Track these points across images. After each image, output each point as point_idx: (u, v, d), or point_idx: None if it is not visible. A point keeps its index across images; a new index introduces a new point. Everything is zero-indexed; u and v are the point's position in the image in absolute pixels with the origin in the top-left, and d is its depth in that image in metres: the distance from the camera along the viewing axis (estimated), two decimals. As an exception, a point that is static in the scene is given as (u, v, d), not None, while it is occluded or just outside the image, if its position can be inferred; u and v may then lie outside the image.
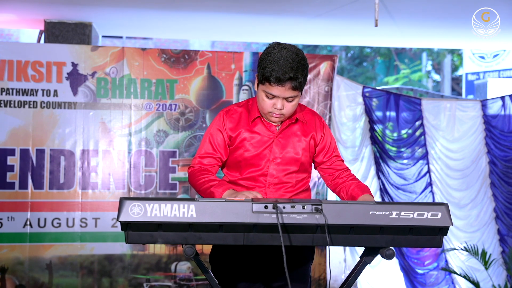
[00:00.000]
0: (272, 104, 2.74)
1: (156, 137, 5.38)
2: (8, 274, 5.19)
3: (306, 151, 2.86)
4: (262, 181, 2.83)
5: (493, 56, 13.48)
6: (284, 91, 2.70)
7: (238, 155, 2.84)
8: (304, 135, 2.87)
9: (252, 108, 2.86)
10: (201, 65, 5.45)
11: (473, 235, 6.10)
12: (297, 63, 2.68)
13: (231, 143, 2.85)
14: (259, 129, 2.84)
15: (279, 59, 2.67)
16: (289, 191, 2.85)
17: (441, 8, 6.33)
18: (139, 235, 2.32)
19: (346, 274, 5.84)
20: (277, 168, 2.83)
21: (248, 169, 2.83)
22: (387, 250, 2.42)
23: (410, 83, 18.99)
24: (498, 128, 6.10)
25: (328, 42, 9.54)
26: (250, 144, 2.82)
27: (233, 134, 2.83)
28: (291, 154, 2.84)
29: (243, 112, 2.87)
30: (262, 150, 2.82)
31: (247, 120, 2.84)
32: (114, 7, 6.36)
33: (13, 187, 5.20)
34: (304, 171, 2.89)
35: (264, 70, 2.69)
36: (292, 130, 2.86)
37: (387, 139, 6.09)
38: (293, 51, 2.70)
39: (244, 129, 2.83)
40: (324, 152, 2.91)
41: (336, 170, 2.92)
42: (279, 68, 2.65)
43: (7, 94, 5.20)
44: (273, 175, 2.83)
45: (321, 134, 2.91)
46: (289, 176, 2.85)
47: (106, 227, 5.29)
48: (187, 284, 5.41)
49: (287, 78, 2.66)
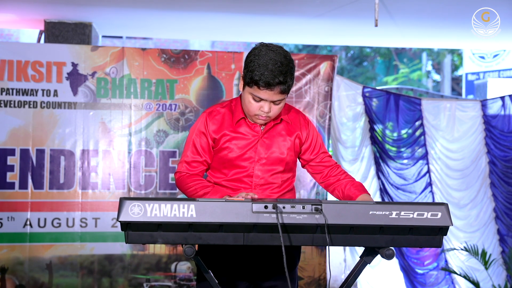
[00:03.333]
0: (259, 107, 2.71)
1: (156, 137, 5.38)
2: (8, 274, 5.19)
3: (291, 150, 2.84)
4: (248, 182, 2.80)
5: (493, 56, 13.48)
6: (272, 95, 2.67)
7: (222, 157, 2.80)
8: (288, 135, 2.85)
9: (236, 109, 2.83)
10: (201, 65, 5.45)
11: (473, 235, 6.10)
12: (286, 67, 2.66)
13: (215, 145, 2.81)
14: (243, 130, 2.80)
15: (267, 62, 2.63)
16: (275, 192, 2.83)
17: (441, 8, 6.33)
18: (139, 235, 2.33)
19: (346, 274, 5.84)
20: (263, 168, 2.80)
21: (232, 170, 2.81)
22: (387, 250, 2.42)
23: (409, 82, 19.00)
24: (498, 128, 6.10)
25: (328, 42, 9.54)
26: (234, 145, 2.79)
27: (217, 136, 2.80)
28: (276, 154, 2.82)
29: (226, 113, 2.83)
30: (247, 150, 2.79)
31: (231, 121, 2.81)
32: (114, 7, 6.36)
33: (13, 187, 5.20)
34: (289, 171, 2.87)
35: (252, 73, 2.65)
36: (277, 130, 2.84)
37: (387, 139, 6.09)
38: (281, 54, 2.67)
39: (227, 130, 2.79)
40: (311, 150, 2.90)
41: (325, 166, 2.90)
42: (268, 72, 2.62)
43: (7, 94, 5.20)
44: (259, 176, 2.80)
45: (306, 132, 2.89)
46: (275, 177, 2.83)
47: (106, 227, 5.29)
48: (187, 284, 5.41)
49: (276, 83, 2.63)
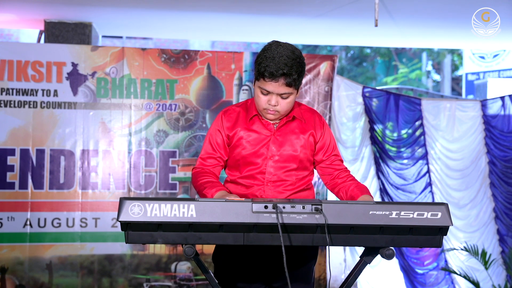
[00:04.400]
0: (266, 100, 2.75)
1: (156, 137, 5.38)
2: (8, 274, 5.19)
3: (304, 148, 2.85)
4: (260, 179, 2.83)
5: (493, 56, 13.48)
6: (277, 86, 2.70)
7: (236, 154, 2.85)
8: (302, 133, 2.86)
9: (250, 107, 2.88)
10: (201, 65, 5.45)
11: (473, 235, 6.10)
12: (292, 60, 2.69)
13: (229, 142, 2.86)
14: (256, 127, 2.84)
15: (274, 55, 2.69)
16: (288, 189, 2.84)
17: (441, 8, 6.33)
18: (139, 235, 2.33)
19: (346, 274, 5.84)
20: (275, 165, 2.82)
21: (246, 167, 2.84)
22: (387, 250, 2.42)
23: (409, 82, 18.98)
24: (497, 128, 6.10)
25: (328, 42, 9.54)
26: (247, 142, 2.83)
27: (230, 133, 2.84)
28: (289, 151, 2.83)
29: (241, 111, 2.89)
30: (260, 148, 2.82)
31: (245, 119, 2.85)
32: (114, 7, 6.35)
33: (13, 187, 5.20)
34: (304, 169, 2.88)
35: (259, 66, 2.71)
36: (290, 128, 2.86)
37: (387, 139, 6.09)
38: (289, 49, 2.72)
39: (241, 128, 2.84)
40: (324, 151, 2.91)
41: (335, 169, 2.91)
42: (273, 63, 2.67)
43: (7, 94, 5.20)
44: (271, 172, 2.82)
45: (321, 132, 2.90)
46: (288, 174, 2.84)
47: (106, 227, 5.29)
48: (187, 284, 5.41)
49: (280, 74, 2.67)
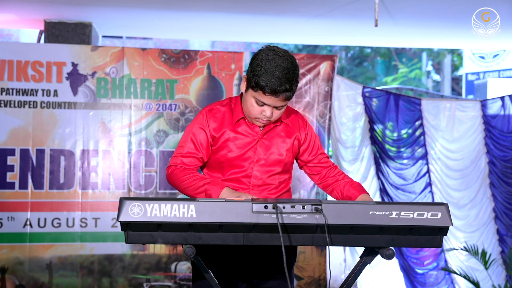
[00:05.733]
0: (261, 110, 2.70)
1: (156, 137, 5.38)
2: (8, 274, 5.19)
3: (289, 151, 2.85)
4: (245, 183, 2.79)
5: (493, 56, 13.49)
6: (277, 101, 2.67)
7: (221, 156, 2.79)
8: (288, 136, 2.85)
9: (235, 108, 2.81)
10: (201, 65, 5.45)
11: (472, 235, 6.10)
12: (293, 74, 2.65)
13: (213, 143, 2.79)
14: (243, 129, 2.79)
15: (274, 69, 2.61)
16: (272, 193, 2.83)
17: (441, 8, 6.33)
18: (139, 235, 2.33)
19: (346, 274, 5.84)
20: (261, 169, 2.80)
21: (231, 170, 2.79)
22: (387, 250, 2.42)
23: (408, 82, 18.98)
24: (497, 128, 6.10)
25: (328, 42, 9.54)
26: (234, 145, 2.78)
27: (217, 134, 2.78)
28: (275, 155, 2.81)
29: (226, 111, 2.81)
30: (246, 151, 2.78)
31: (231, 120, 2.79)
32: (114, 7, 6.35)
33: (13, 187, 5.20)
34: (286, 172, 2.88)
35: (258, 78, 2.63)
36: (276, 132, 2.83)
37: (387, 139, 6.09)
38: (288, 60, 2.65)
39: (228, 129, 2.78)
40: (309, 151, 2.90)
41: (323, 168, 2.91)
42: (275, 79, 2.61)
43: (7, 94, 5.20)
44: (257, 176, 2.80)
45: (305, 134, 2.89)
46: (273, 178, 2.83)
47: (106, 227, 5.29)
48: (187, 284, 5.41)
49: (283, 90, 2.63)
